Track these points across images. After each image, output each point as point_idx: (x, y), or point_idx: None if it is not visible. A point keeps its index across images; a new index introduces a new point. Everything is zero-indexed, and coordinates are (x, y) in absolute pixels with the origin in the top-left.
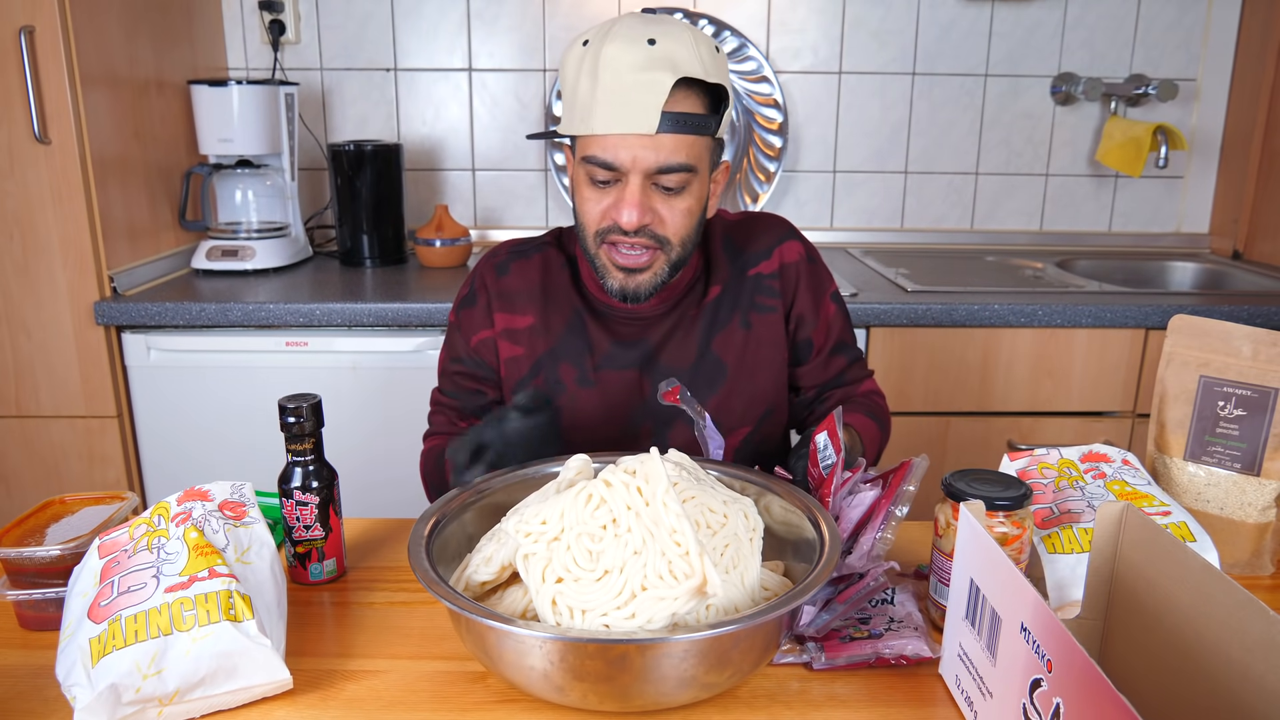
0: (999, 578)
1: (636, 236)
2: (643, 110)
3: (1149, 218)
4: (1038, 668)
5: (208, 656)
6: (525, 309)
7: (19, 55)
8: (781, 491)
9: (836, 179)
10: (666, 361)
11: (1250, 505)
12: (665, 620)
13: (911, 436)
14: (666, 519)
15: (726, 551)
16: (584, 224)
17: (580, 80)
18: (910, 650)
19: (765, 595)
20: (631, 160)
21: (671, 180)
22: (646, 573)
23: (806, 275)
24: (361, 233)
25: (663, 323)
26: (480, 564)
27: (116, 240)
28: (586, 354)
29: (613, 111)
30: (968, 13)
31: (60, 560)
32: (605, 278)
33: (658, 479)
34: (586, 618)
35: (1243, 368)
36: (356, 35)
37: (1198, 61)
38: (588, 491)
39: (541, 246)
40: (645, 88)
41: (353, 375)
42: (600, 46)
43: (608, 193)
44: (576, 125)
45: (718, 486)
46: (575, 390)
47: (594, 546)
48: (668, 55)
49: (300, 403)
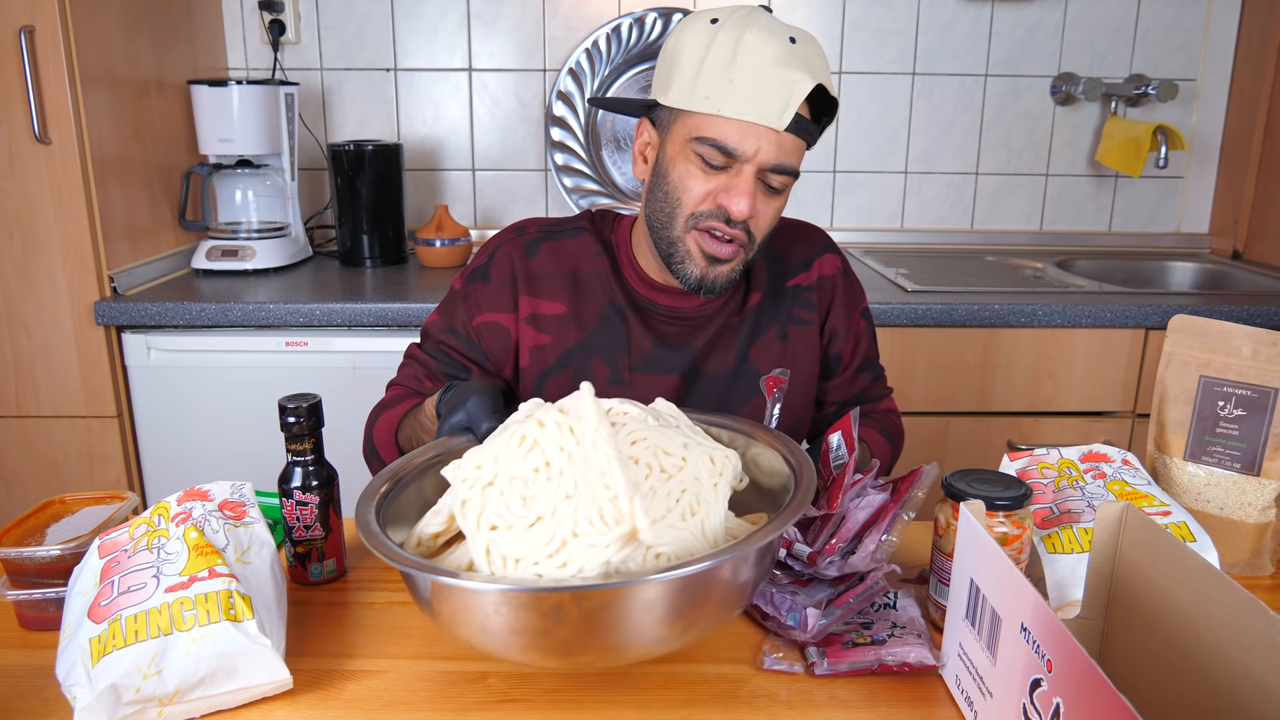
0: (999, 578)
1: (736, 228)
2: (781, 105)
3: (1149, 218)
4: (1038, 668)
5: (208, 656)
6: (556, 295)
7: (19, 55)
8: (769, 443)
9: (836, 179)
10: (709, 368)
11: (1250, 505)
12: (597, 569)
13: (911, 436)
14: (596, 460)
15: (684, 497)
16: (678, 203)
17: (710, 57)
18: (913, 658)
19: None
20: (755, 151)
21: (778, 180)
22: (577, 518)
23: (843, 289)
24: (361, 233)
25: (709, 326)
26: (430, 515)
27: (116, 240)
28: (623, 352)
29: (749, 98)
30: (968, 13)
31: (60, 560)
32: (684, 263)
33: (587, 417)
34: (520, 566)
35: (1243, 368)
36: (356, 35)
37: (1198, 61)
38: (521, 433)
39: (576, 230)
40: (785, 84)
41: (353, 375)
42: (740, 31)
43: (715, 177)
44: (697, 102)
45: (697, 433)
46: (605, 390)
47: (526, 491)
48: (806, 58)
49: (300, 403)
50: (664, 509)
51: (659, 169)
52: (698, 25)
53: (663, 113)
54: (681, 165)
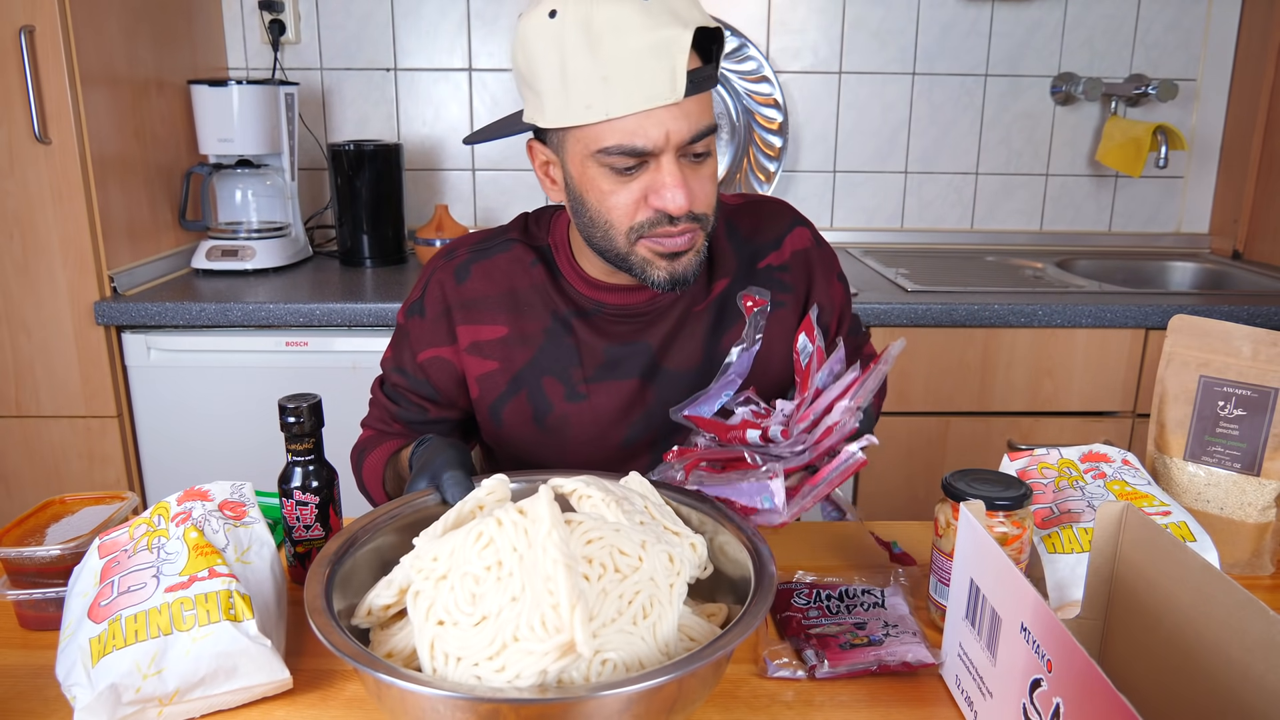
0: (999, 578)
1: (680, 221)
2: (668, 74)
3: (1149, 218)
4: (1038, 668)
5: (208, 656)
6: (495, 318)
7: (19, 55)
8: (736, 532)
9: (836, 179)
10: (672, 365)
11: (1250, 505)
12: (533, 677)
13: (912, 437)
14: (544, 564)
15: (637, 599)
16: (611, 222)
17: (569, 60)
18: (912, 657)
19: (687, 647)
20: (665, 137)
21: (701, 146)
22: (519, 623)
23: (819, 261)
24: (361, 233)
25: (665, 319)
26: (382, 587)
27: (116, 240)
28: (575, 364)
29: (632, 86)
30: (968, 13)
31: (60, 560)
32: (647, 272)
33: (540, 520)
34: (460, 665)
35: (1243, 368)
36: (356, 35)
37: (1198, 61)
38: (479, 529)
39: (506, 244)
40: (661, 50)
41: (353, 375)
42: (585, 11)
43: (634, 180)
44: (579, 114)
45: (667, 519)
46: (564, 408)
47: (476, 589)
48: (665, 6)
49: (300, 403)
50: (615, 611)
51: (572, 191)
52: (538, 26)
53: (549, 131)
54: (594, 183)
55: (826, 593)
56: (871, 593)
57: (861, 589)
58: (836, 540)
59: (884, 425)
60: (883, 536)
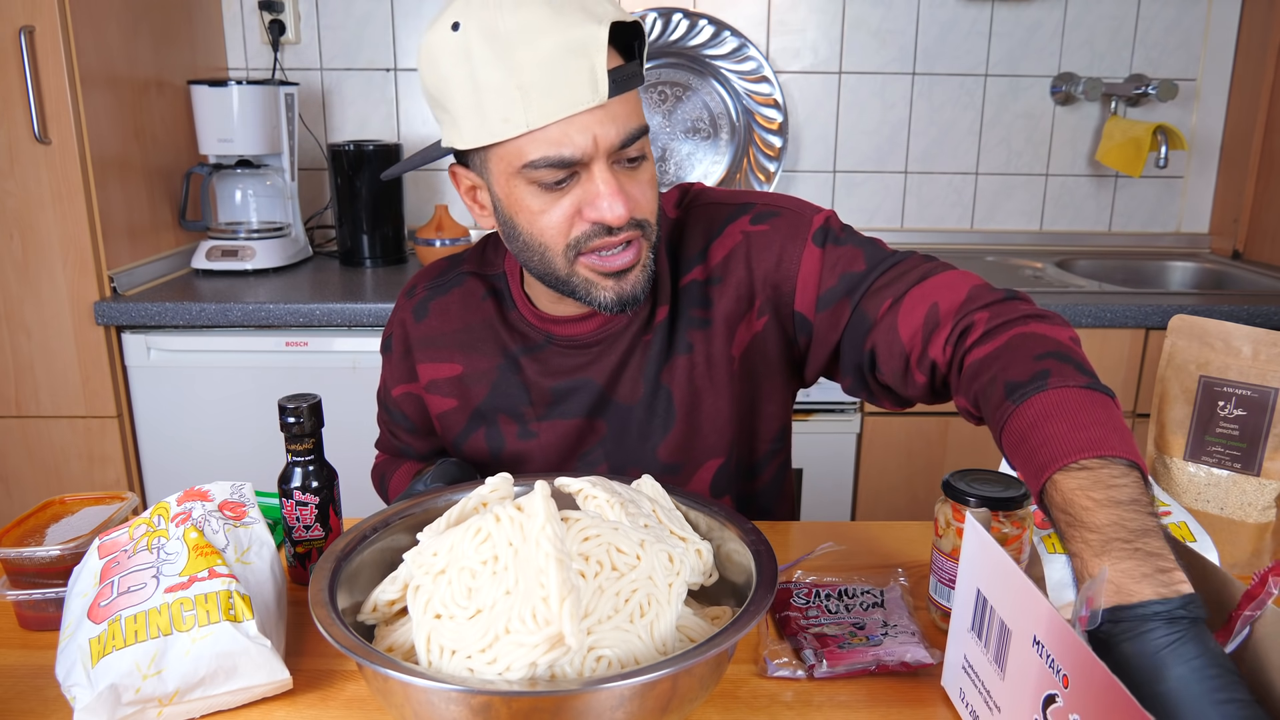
0: (1009, 589)
1: (621, 231)
2: (588, 75)
3: (1149, 218)
4: (1052, 683)
5: (207, 657)
6: (450, 356)
7: (19, 55)
8: (743, 537)
9: (836, 179)
10: (620, 399)
11: (1250, 505)
12: (523, 669)
13: (912, 437)
14: (537, 558)
15: (634, 596)
16: (545, 244)
17: (480, 74)
18: (910, 657)
19: (686, 646)
20: (593, 144)
21: (634, 150)
22: (511, 615)
23: (759, 246)
24: (361, 233)
25: (612, 351)
26: (387, 583)
27: (116, 240)
28: (525, 403)
29: (551, 92)
30: (968, 13)
31: (60, 560)
32: (592, 294)
33: (535, 515)
34: (454, 658)
35: (1243, 368)
36: (356, 35)
37: (1198, 61)
38: (477, 525)
39: (460, 278)
40: (577, 51)
41: (353, 375)
42: (490, 19)
43: (566, 193)
44: (497, 130)
45: (674, 523)
46: (516, 445)
47: (472, 584)
48: (576, 3)
49: (300, 403)
50: (611, 609)
51: (501, 214)
52: (442, 42)
53: (471, 153)
54: (522, 203)
55: (826, 592)
56: (871, 593)
57: (861, 589)
58: (836, 540)
59: (884, 425)
60: (882, 536)
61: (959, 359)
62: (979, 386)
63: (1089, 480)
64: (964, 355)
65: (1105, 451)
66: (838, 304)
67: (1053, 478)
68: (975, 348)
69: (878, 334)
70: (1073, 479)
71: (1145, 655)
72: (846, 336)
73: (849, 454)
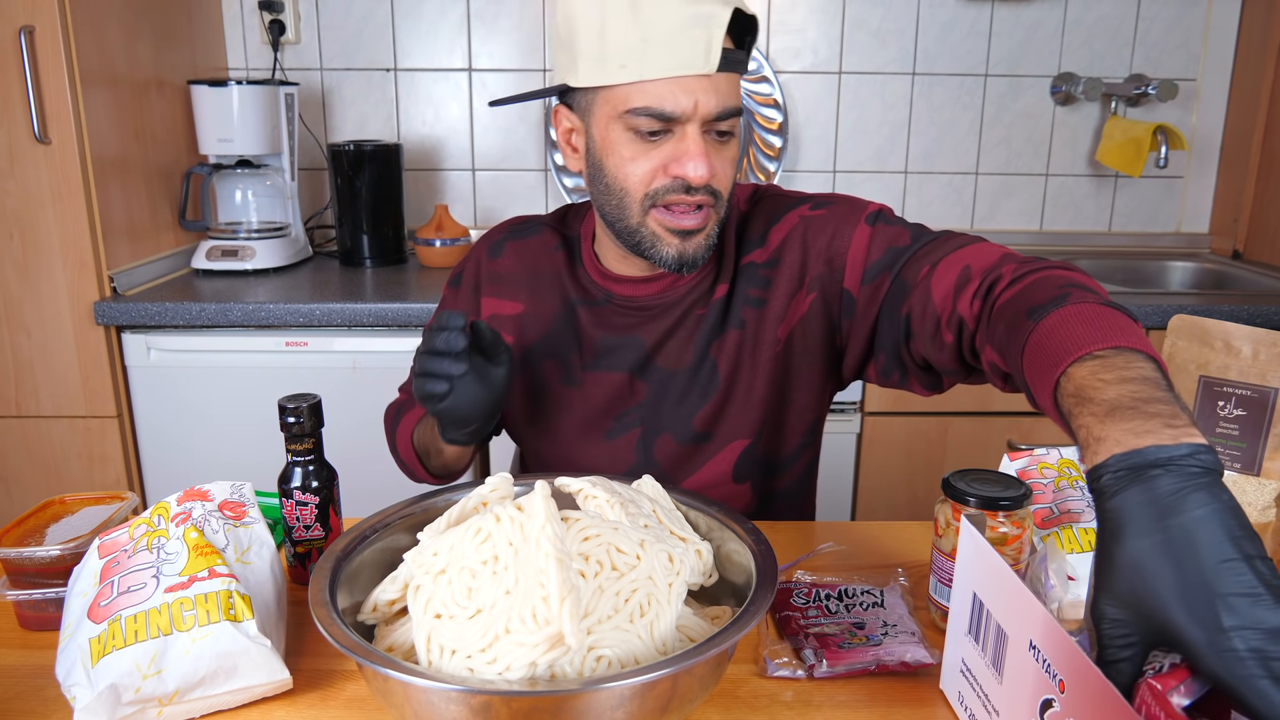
0: (1005, 593)
1: (697, 194)
2: (704, 46)
3: (1149, 218)
4: (1049, 688)
5: (207, 656)
6: (515, 294)
7: (19, 55)
8: (744, 538)
9: (836, 179)
10: (664, 363)
11: (1250, 505)
12: (523, 669)
13: (912, 437)
14: (537, 558)
15: (634, 596)
16: (627, 189)
17: (609, 19)
18: (910, 657)
19: (686, 646)
20: (694, 106)
21: (727, 125)
22: (511, 615)
23: (816, 229)
24: (361, 233)
25: (664, 316)
26: (387, 583)
27: (116, 240)
28: (575, 351)
29: (669, 51)
30: (968, 13)
31: (60, 560)
32: (656, 248)
33: (535, 515)
34: (454, 658)
35: (1243, 368)
36: (356, 35)
37: (1198, 61)
38: (477, 525)
39: (539, 227)
40: (701, 21)
41: (353, 375)
42: None
43: (657, 147)
44: (613, 73)
45: (675, 524)
46: (559, 391)
47: (473, 583)
48: None
49: (300, 403)
50: (611, 609)
51: (592, 157)
52: None
53: (578, 95)
54: (617, 146)
55: (825, 592)
56: (870, 592)
57: (861, 589)
58: (836, 540)
59: (884, 425)
60: (882, 536)
61: (987, 310)
62: (1001, 328)
63: (1101, 366)
64: (991, 305)
65: (1121, 343)
66: (880, 276)
67: (1066, 370)
68: (1002, 294)
69: (914, 298)
70: (1085, 367)
71: (1140, 506)
72: (885, 306)
73: (849, 454)
